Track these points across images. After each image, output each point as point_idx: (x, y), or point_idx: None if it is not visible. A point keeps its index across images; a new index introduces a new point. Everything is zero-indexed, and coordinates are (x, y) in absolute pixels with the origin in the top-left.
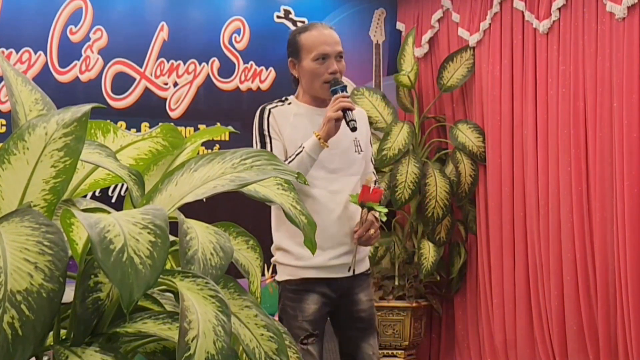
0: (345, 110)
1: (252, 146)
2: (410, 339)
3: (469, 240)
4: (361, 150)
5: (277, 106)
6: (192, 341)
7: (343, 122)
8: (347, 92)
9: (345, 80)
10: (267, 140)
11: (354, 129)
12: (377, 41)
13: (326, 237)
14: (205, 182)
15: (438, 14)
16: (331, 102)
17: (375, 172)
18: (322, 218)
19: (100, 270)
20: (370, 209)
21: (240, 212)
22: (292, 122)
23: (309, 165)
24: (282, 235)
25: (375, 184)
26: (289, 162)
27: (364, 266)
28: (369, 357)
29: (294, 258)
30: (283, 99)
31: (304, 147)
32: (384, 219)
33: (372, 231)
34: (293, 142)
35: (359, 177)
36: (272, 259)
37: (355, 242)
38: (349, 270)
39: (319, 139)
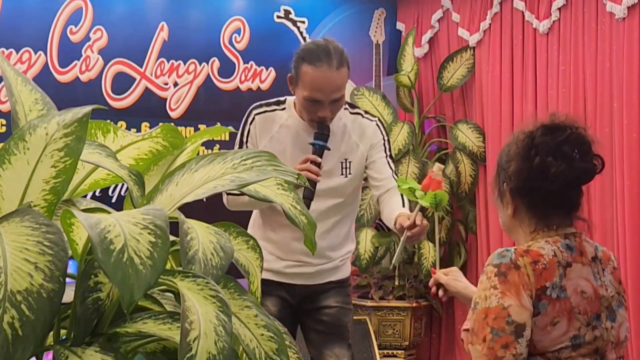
0: (308, 180)
1: None
2: (410, 339)
3: (469, 240)
4: (349, 173)
5: (265, 112)
6: (193, 342)
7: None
8: (327, 149)
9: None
10: (244, 147)
11: (307, 201)
12: (377, 41)
13: (287, 251)
14: (206, 182)
15: (438, 14)
16: (302, 161)
17: (395, 175)
18: (286, 233)
19: (101, 270)
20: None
21: (240, 212)
22: (273, 133)
23: (263, 206)
24: (253, 233)
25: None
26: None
27: (335, 275)
28: None
29: None
30: (282, 99)
31: None
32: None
33: (422, 237)
34: None
35: (342, 199)
36: None
37: (408, 236)
38: (390, 265)
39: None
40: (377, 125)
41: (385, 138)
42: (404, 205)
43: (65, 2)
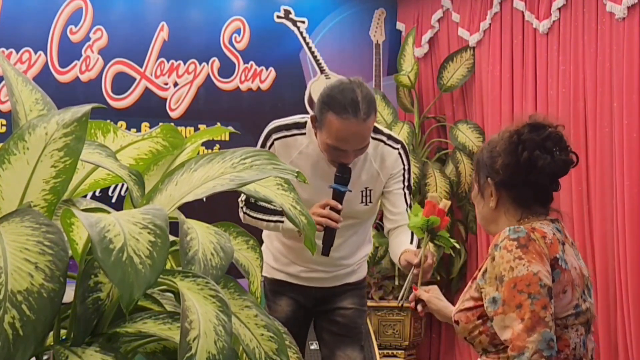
0: (327, 227)
1: (252, 145)
2: (410, 339)
3: (469, 240)
4: (370, 202)
5: (284, 137)
6: (193, 341)
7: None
8: (344, 193)
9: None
10: None
11: (325, 255)
12: (377, 41)
13: (301, 260)
14: (205, 181)
15: (438, 14)
16: (322, 204)
17: (408, 210)
18: (300, 242)
19: (101, 270)
20: (435, 237)
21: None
22: (293, 159)
23: (273, 232)
24: (268, 233)
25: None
26: (268, 220)
27: (353, 277)
28: None
29: (272, 258)
30: (302, 121)
31: (284, 222)
32: (456, 245)
33: (428, 275)
34: None
35: (357, 220)
36: None
37: (414, 274)
38: (399, 303)
39: (297, 230)
40: (400, 153)
41: (406, 167)
42: (411, 242)
43: (65, 2)
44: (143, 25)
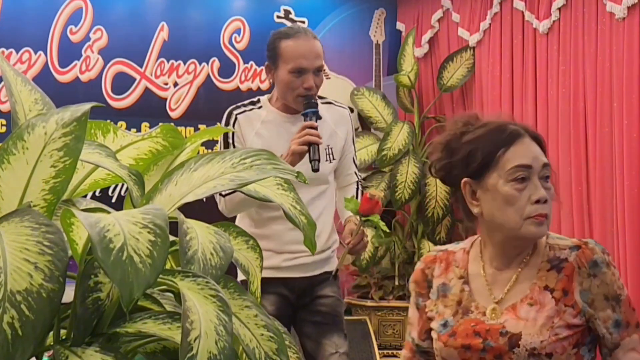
0: (311, 144)
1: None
2: None
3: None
4: (333, 159)
5: (244, 111)
6: (194, 341)
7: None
8: (319, 117)
9: (343, 80)
10: (231, 149)
11: (315, 170)
12: (377, 41)
13: (282, 243)
14: (205, 181)
15: (438, 14)
16: (299, 130)
17: (357, 172)
18: (280, 225)
19: (101, 270)
20: (367, 221)
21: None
22: (257, 129)
23: (255, 204)
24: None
25: (358, 185)
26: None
27: (328, 266)
28: (330, 355)
29: None
30: (255, 99)
31: None
32: (385, 229)
33: (363, 242)
34: None
35: (327, 185)
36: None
37: (346, 252)
38: (332, 276)
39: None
40: (348, 112)
41: (353, 126)
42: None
43: (65, 2)
44: (143, 25)
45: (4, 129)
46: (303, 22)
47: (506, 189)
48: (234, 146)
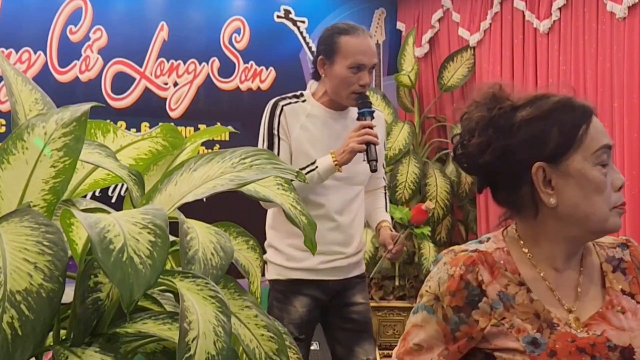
0: (369, 144)
1: (252, 145)
2: None
3: (469, 241)
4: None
5: (289, 103)
6: (192, 342)
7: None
8: (372, 117)
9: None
10: (275, 140)
11: (374, 171)
12: (378, 41)
13: (320, 243)
14: (205, 181)
15: (438, 13)
16: (357, 128)
17: (385, 177)
18: (320, 224)
19: (100, 270)
20: (413, 229)
21: (240, 212)
22: (302, 122)
23: (316, 185)
24: (276, 234)
25: (385, 191)
26: None
27: (359, 269)
28: None
29: (284, 258)
30: (298, 94)
31: (317, 167)
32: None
33: (403, 250)
34: (300, 143)
35: (362, 186)
36: (265, 256)
37: (385, 258)
38: (370, 280)
39: (335, 164)
40: (383, 116)
41: (385, 133)
42: (387, 210)
43: (64, 2)
44: (143, 25)
45: (4, 129)
46: (303, 22)
47: (595, 173)
48: (279, 137)
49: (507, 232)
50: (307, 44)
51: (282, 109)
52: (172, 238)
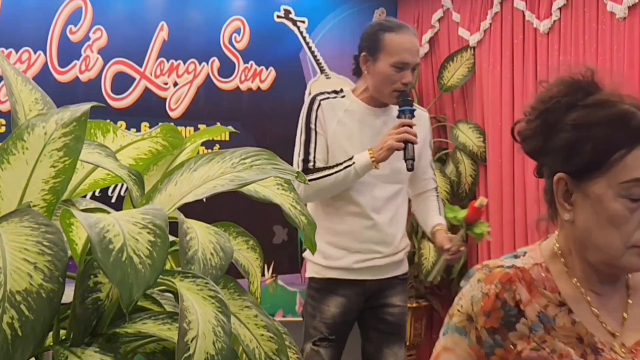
0: (407, 142)
1: (252, 145)
2: (410, 339)
3: (469, 241)
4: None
5: (327, 98)
6: (191, 342)
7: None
8: (413, 115)
9: (343, 80)
10: (313, 134)
11: (410, 169)
12: None
13: (356, 241)
14: (205, 181)
15: (438, 13)
16: (396, 126)
17: (435, 178)
18: (357, 222)
19: (100, 271)
20: (470, 228)
21: (240, 212)
22: (340, 117)
23: (353, 181)
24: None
25: (437, 193)
26: (337, 170)
27: (400, 269)
28: None
29: (321, 256)
30: (339, 89)
31: (354, 163)
32: (489, 237)
33: (461, 251)
34: (337, 138)
35: (402, 185)
36: (304, 254)
37: (442, 259)
38: (430, 282)
39: (373, 160)
40: (428, 115)
41: (431, 131)
42: (440, 213)
43: (64, 1)
44: (143, 25)
45: (4, 129)
46: (303, 22)
47: (616, 206)
48: (316, 131)
49: (546, 245)
50: (307, 43)
51: (319, 104)
52: (172, 238)
